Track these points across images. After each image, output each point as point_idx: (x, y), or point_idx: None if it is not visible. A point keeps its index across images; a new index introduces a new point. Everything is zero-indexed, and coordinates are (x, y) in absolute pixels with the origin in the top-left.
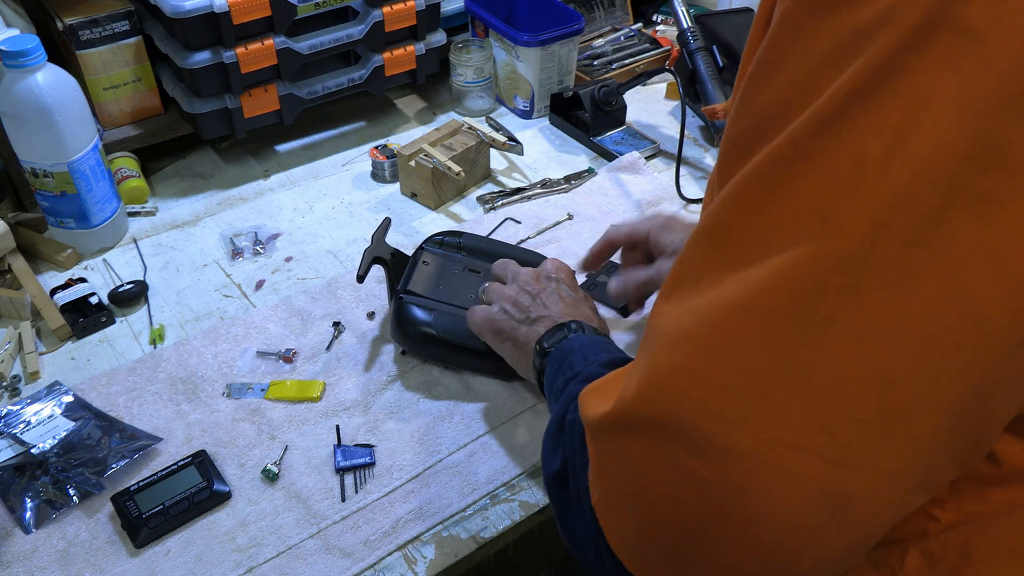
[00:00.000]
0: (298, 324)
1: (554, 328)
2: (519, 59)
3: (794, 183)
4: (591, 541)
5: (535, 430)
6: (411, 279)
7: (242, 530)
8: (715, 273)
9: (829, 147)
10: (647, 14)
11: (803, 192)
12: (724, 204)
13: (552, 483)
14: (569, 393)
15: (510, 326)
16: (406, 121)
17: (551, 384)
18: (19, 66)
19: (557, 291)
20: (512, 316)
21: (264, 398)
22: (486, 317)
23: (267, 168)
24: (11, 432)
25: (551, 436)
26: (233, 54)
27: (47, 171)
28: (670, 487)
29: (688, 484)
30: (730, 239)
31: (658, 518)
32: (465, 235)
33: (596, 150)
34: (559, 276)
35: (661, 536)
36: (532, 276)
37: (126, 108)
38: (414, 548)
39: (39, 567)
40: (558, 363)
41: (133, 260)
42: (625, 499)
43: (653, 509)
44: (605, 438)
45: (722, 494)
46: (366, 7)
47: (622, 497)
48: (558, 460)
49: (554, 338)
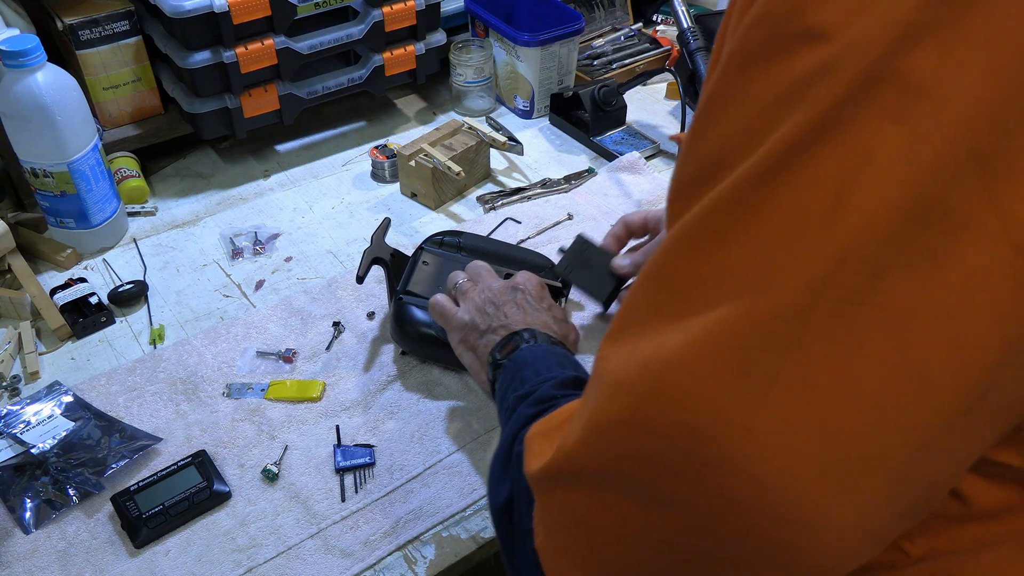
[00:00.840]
0: (298, 324)
1: (507, 337)
2: (519, 59)
3: (736, 234)
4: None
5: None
6: (411, 279)
7: (242, 530)
8: (659, 321)
9: (771, 199)
10: (647, 14)
11: (745, 244)
12: (669, 249)
13: (498, 515)
14: (519, 416)
15: (474, 336)
16: (406, 121)
17: (502, 399)
18: (19, 66)
19: (518, 301)
20: (478, 327)
21: (264, 398)
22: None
23: (267, 168)
24: (11, 432)
25: (499, 464)
26: (233, 54)
27: (47, 171)
28: (619, 537)
29: (637, 533)
30: (673, 286)
31: (607, 567)
32: (465, 235)
33: (596, 150)
34: (525, 287)
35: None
36: (500, 288)
37: (126, 108)
38: (414, 548)
39: (39, 567)
40: (510, 377)
41: (133, 260)
42: (570, 547)
43: (602, 559)
44: (548, 490)
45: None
46: (366, 7)
47: (567, 545)
48: (505, 491)
49: (506, 349)
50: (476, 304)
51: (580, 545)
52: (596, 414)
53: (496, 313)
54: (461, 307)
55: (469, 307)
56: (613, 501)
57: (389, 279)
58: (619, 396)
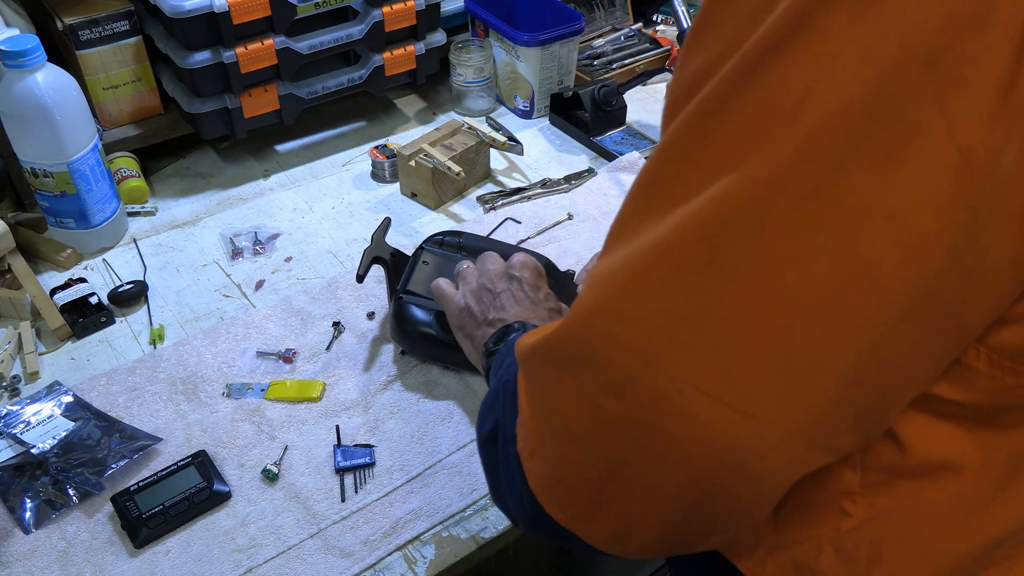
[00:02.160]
0: (298, 324)
1: (500, 331)
2: (519, 59)
3: (712, 132)
4: (515, 491)
5: None
6: (411, 279)
7: (242, 530)
8: (643, 220)
9: (745, 98)
10: (647, 14)
11: (719, 141)
12: (655, 155)
13: (483, 442)
14: (508, 365)
15: (471, 325)
16: (406, 121)
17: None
18: (19, 66)
19: (514, 292)
20: (474, 315)
21: (264, 398)
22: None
23: (267, 168)
24: (11, 432)
25: (487, 403)
26: (233, 54)
27: (47, 171)
28: (586, 424)
29: (603, 422)
30: (658, 187)
31: (573, 455)
32: (465, 235)
33: (596, 150)
34: (521, 275)
35: (576, 473)
36: (497, 273)
37: (126, 108)
38: (414, 548)
39: (39, 567)
40: (502, 358)
41: (133, 260)
42: (546, 437)
43: (570, 446)
44: (533, 367)
45: (635, 433)
46: (366, 7)
47: (543, 435)
48: (490, 422)
49: (500, 342)
50: (472, 289)
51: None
52: (579, 305)
53: (493, 302)
54: (459, 290)
55: (466, 291)
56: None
57: (389, 279)
58: (602, 287)
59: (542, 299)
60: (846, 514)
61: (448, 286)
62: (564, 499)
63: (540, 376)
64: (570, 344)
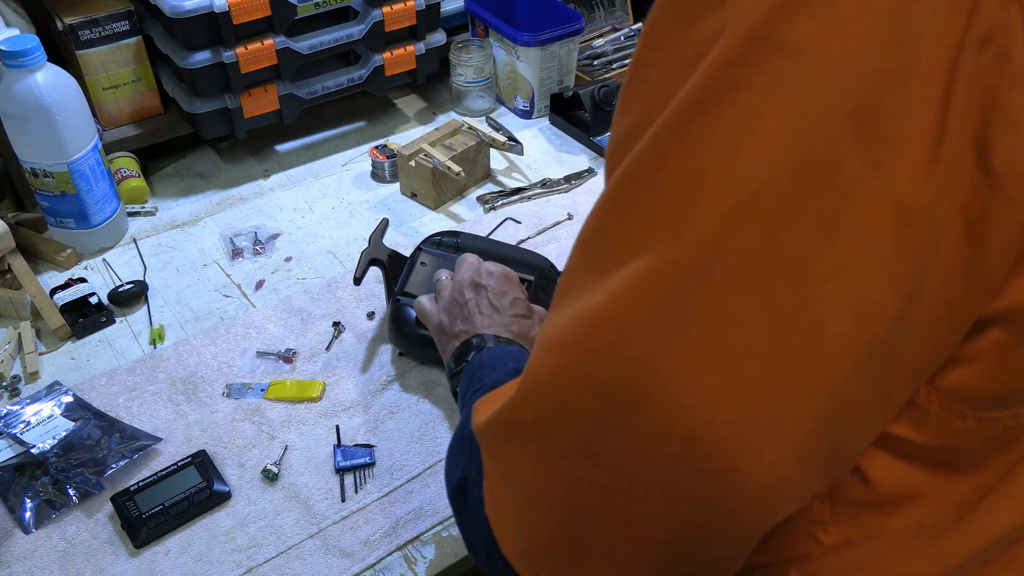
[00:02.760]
0: (298, 324)
1: (460, 347)
2: (519, 59)
3: (647, 189)
4: (485, 549)
5: None
6: (408, 280)
7: (242, 530)
8: (589, 279)
9: (675, 156)
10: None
11: (654, 200)
12: (595, 211)
13: (453, 493)
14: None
15: (444, 340)
16: (406, 121)
17: (463, 402)
18: (19, 66)
19: (479, 301)
20: (445, 330)
21: (264, 398)
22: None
23: (267, 168)
24: (11, 432)
25: (454, 448)
26: (233, 54)
27: (47, 171)
28: (555, 493)
29: (572, 487)
30: (599, 245)
31: (544, 526)
32: (463, 235)
33: (596, 150)
34: (488, 283)
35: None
36: (467, 282)
37: (126, 108)
38: (414, 548)
39: (39, 567)
40: (468, 379)
41: (133, 260)
42: (513, 507)
43: (539, 518)
44: (492, 444)
45: (608, 494)
46: (366, 7)
47: (511, 505)
48: (459, 471)
49: (460, 358)
50: (446, 304)
51: (521, 506)
52: (533, 370)
53: (460, 314)
54: (437, 306)
55: (441, 307)
56: (549, 457)
57: (387, 280)
58: (554, 351)
59: (507, 306)
60: (817, 541)
61: (430, 303)
62: (539, 567)
63: (500, 452)
64: (526, 413)
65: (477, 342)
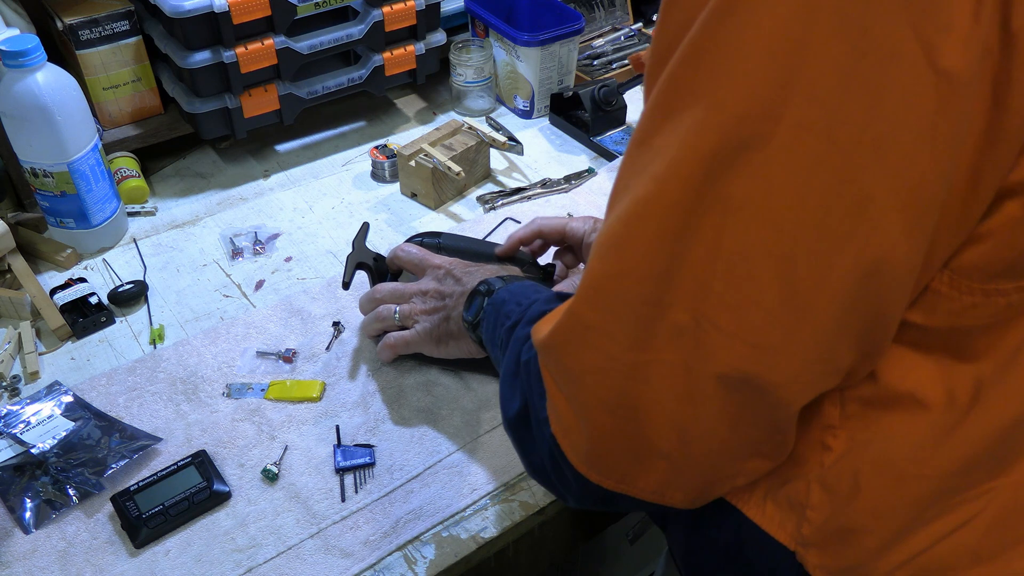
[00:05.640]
0: (298, 324)
1: (467, 300)
2: (519, 59)
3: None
4: (552, 464)
5: None
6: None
7: (242, 530)
8: (636, 176)
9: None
10: (647, 14)
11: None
12: (642, 116)
13: (514, 423)
14: (517, 338)
15: (440, 331)
16: (406, 121)
17: (492, 343)
18: (19, 66)
19: (453, 272)
20: (439, 326)
21: (264, 398)
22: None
23: (267, 168)
24: (11, 432)
25: (508, 381)
26: (233, 54)
27: (47, 171)
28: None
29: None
30: (645, 144)
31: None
32: (444, 235)
33: (596, 150)
34: (445, 265)
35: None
36: (429, 288)
37: (126, 108)
38: (414, 548)
39: (39, 567)
40: (492, 322)
41: (133, 260)
42: (578, 414)
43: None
44: (554, 355)
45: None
46: (366, 7)
47: (575, 412)
48: (518, 401)
49: (473, 307)
50: (419, 309)
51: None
52: (589, 272)
53: (442, 303)
54: (414, 330)
55: (421, 323)
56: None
57: (373, 283)
58: (607, 252)
59: (476, 267)
60: (827, 448)
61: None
62: (608, 466)
63: (563, 361)
64: (589, 313)
65: (484, 288)
